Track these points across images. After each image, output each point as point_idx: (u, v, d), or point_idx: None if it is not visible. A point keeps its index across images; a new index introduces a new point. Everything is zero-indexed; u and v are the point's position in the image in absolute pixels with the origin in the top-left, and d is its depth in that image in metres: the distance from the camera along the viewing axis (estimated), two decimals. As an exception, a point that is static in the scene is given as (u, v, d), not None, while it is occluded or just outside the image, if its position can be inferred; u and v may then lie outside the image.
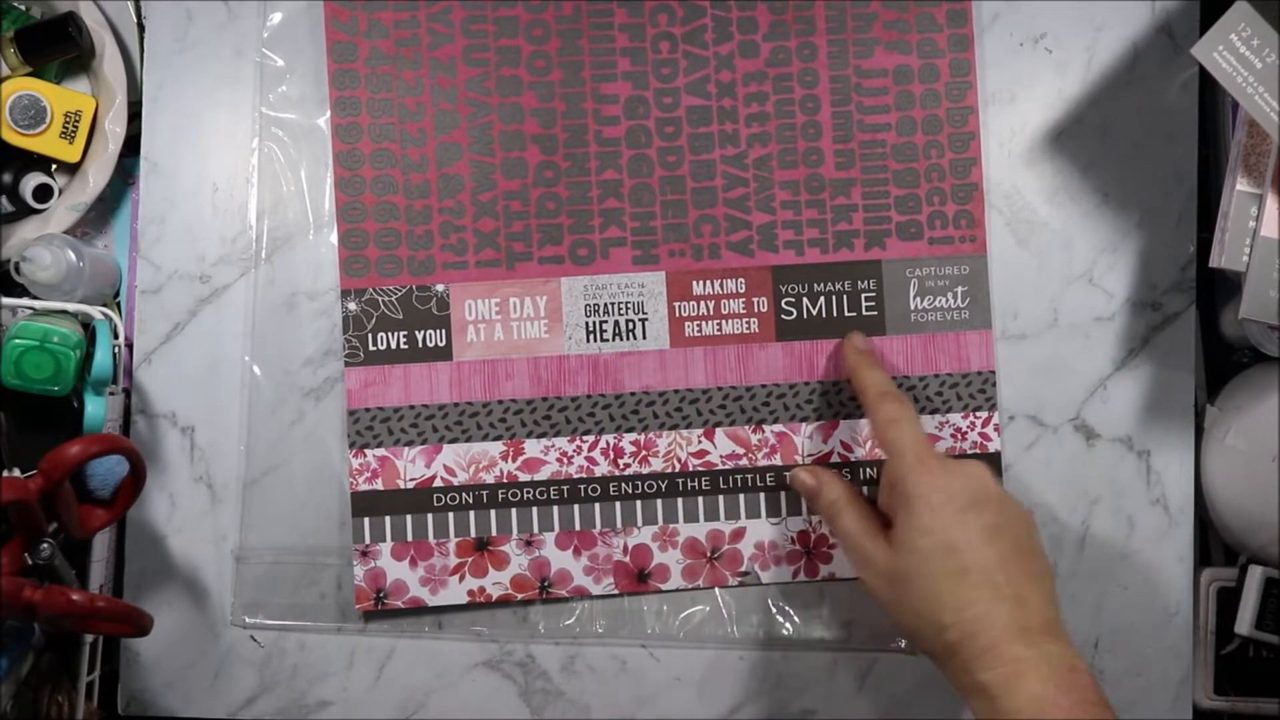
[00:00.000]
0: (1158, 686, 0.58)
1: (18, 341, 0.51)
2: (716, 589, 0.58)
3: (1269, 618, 0.57)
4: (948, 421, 0.58)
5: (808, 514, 0.58)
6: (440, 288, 0.57)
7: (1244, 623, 0.58)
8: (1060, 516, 0.58)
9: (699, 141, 0.58)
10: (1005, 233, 0.59)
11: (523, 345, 0.57)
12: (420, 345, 0.57)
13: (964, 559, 0.46)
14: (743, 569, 0.58)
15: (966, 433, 0.58)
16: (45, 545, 0.48)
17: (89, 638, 0.55)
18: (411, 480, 0.57)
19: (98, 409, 0.53)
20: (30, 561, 0.48)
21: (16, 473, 0.51)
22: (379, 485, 0.57)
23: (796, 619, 0.58)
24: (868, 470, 0.58)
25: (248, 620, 0.58)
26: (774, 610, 0.58)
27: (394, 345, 0.57)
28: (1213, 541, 0.61)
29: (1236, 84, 0.48)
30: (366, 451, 0.57)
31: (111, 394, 0.55)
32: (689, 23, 0.58)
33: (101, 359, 0.53)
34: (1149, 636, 0.58)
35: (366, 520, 0.57)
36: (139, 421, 0.58)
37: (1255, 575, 0.58)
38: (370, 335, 0.57)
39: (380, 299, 0.57)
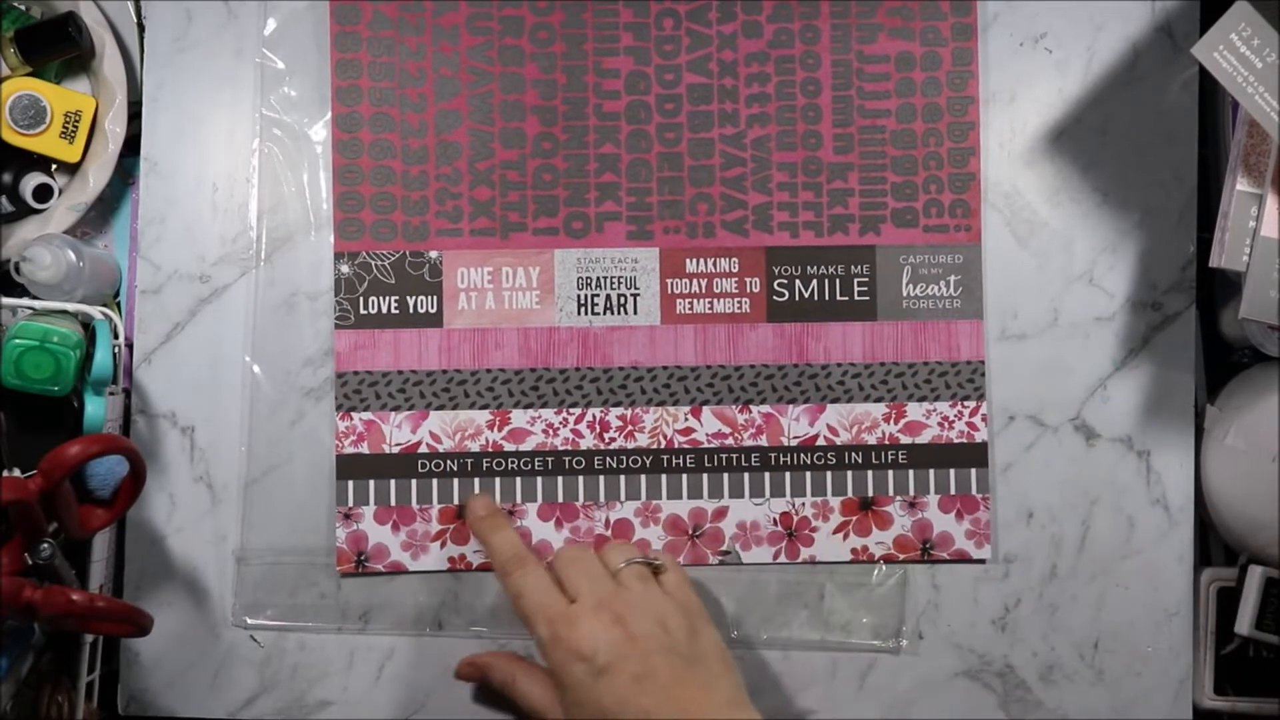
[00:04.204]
0: (1158, 686, 0.58)
1: (18, 341, 0.51)
2: (717, 585, 0.58)
3: (1269, 618, 0.57)
4: (935, 409, 0.58)
5: (791, 496, 0.58)
6: (433, 254, 0.58)
7: (1244, 623, 0.58)
8: (1060, 516, 0.58)
9: (698, 119, 0.58)
10: (1005, 232, 0.59)
11: (513, 315, 0.58)
12: (411, 311, 0.57)
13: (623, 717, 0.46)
14: (724, 548, 0.58)
15: (954, 421, 0.58)
16: (45, 545, 0.48)
17: (89, 638, 0.55)
18: (397, 445, 0.57)
19: (98, 409, 0.53)
20: (30, 561, 0.48)
21: (16, 473, 0.51)
22: (364, 449, 0.57)
23: (797, 619, 0.58)
24: (853, 455, 0.58)
25: (248, 620, 0.58)
26: (774, 610, 0.58)
27: (385, 310, 0.57)
28: (1213, 541, 0.61)
29: (1236, 84, 0.48)
30: (353, 415, 0.57)
31: (111, 394, 0.55)
32: (693, 0, 0.58)
33: (101, 359, 0.53)
34: (1149, 636, 0.58)
35: (350, 483, 0.57)
36: (139, 421, 0.58)
37: (1255, 575, 0.58)
38: (361, 299, 0.57)
39: (373, 263, 0.57)
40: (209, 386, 0.58)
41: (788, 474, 0.58)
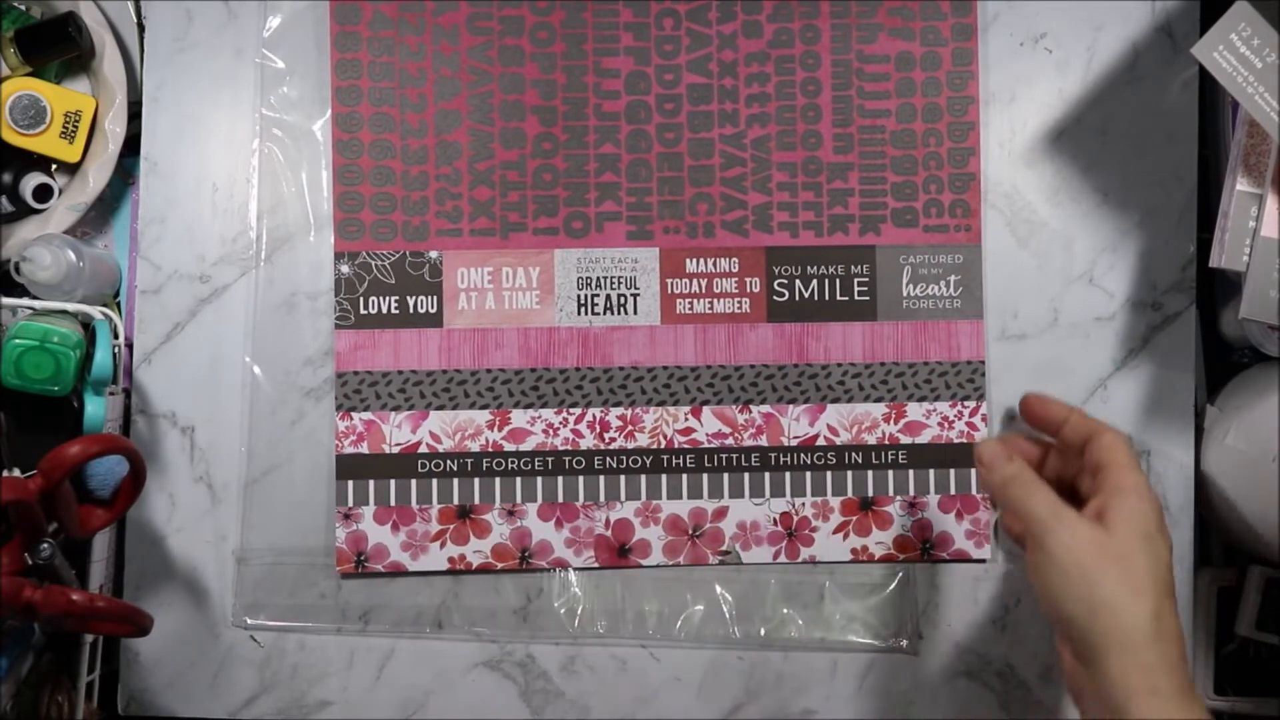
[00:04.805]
0: (1158, 686, 0.58)
1: (18, 341, 0.51)
2: (717, 585, 0.58)
3: (1269, 618, 0.57)
4: (935, 409, 0.58)
5: (791, 496, 0.58)
6: (434, 254, 0.58)
7: (1244, 623, 0.58)
8: (1060, 516, 0.58)
9: (698, 119, 0.58)
10: (1005, 232, 0.59)
11: (513, 315, 0.58)
12: (411, 311, 0.57)
13: (1168, 578, 0.46)
14: (724, 548, 0.58)
15: (954, 421, 0.58)
16: (45, 545, 0.48)
17: (89, 638, 0.55)
18: (397, 445, 0.57)
19: (98, 409, 0.53)
20: (30, 561, 0.48)
21: (16, 473, 0.51)
22: (364, 449, 0.57)
23: (797, 619, 0.58)
24: (853, 455, 0.58)
25: (248, 621, 0.58)
26: (774, 610, 0.58)
27: (385, 310, 0.57)
28: (1213, 541, 0.61)
29: (1236, 84, 0.48)
30: (353, 415, 0.57)
31: (111, 394, 0.55)
32: (693, 0, 0.58)
33: (101, 359, 0.53)
34: (1149, 636, 0.58)
35: (350, 483, 0.57)
36: (139, 421, 0.58)
37: (1255, 575, 0.58)
38: (362, 299, 0.57)
39: (373, 263, 0.57)
40: (209, 386, 0.58)
41: (788, 474, 0.58)
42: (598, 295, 0.58)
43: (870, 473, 0.58)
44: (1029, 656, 0.58)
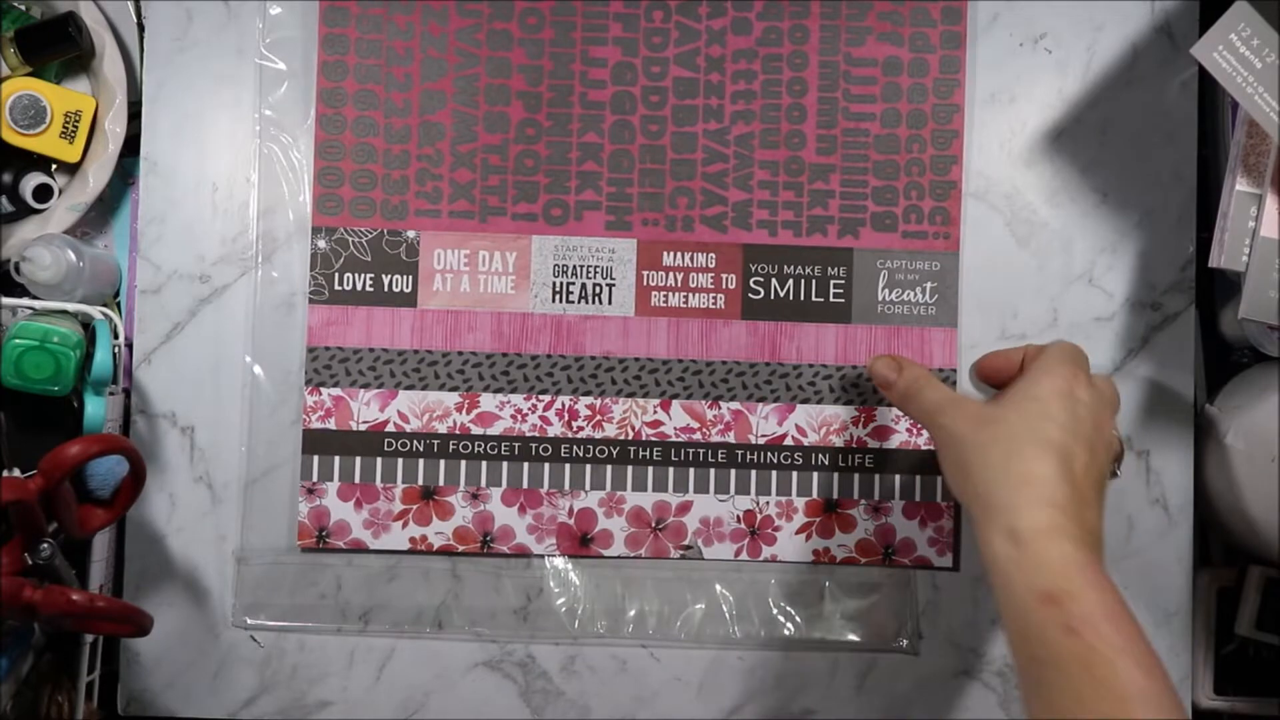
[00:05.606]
0: (1158, 686, 0.58)
1: (18, 341, 0.51)
2: (718, 585, 0.58)
3: (1269, 618, 0.57)
4: (904, 415, 0.58)
5: (756, 494, 0.58)
6: (411, 234, 0.58)
7: (1244, 623, 0.58)
8: (1060, 516, 0.58)
9: (683, 113, 0.58)
10: (1005, 233, 0.59)
11: (488, 299, 0.58)
12: (386, 289, 0.58)
13: (1053, 433, 0.46)
14: (686, 543, 0.58)
15: (923, 429, 0.58)
16: (45, 545, 0.48)
17: (89, 638, 0.55)
18: (364, 423, 0.57)
19: (98, 409, 0.53)
20: (30, 561, 0.48)
21: (16, 473, 0.51)
22: (331, 425, 0.57)
23: (797, 619, 0.58)
24: (820, 456, 0.58)
25: (248, 621, 0.58)
26: (774, 610, 0.58)
27: (359, 287, 0.58)
28: (1213, 541, 0.61)
29: (1236, 84, 0.48)
30: (322, 390, 0.57)
31: (111, 394, 0.55)
32: None
33: (101, 359, 0.53)
34: (1149, 636, 0.58)
35: (316, 458, 0.57)
36: (139, 421, 0.58)
37: (1255, 575, 0.58)
38: (337, 274, 0.58)
39: (350, 239, 0.58)
40: (209, 386, 0.58)
41: (753, 472, 0.58)
42: (573, 283, 0.58)
43: (836, 475, 0.58)
44: (1029, 656, 0.58)
